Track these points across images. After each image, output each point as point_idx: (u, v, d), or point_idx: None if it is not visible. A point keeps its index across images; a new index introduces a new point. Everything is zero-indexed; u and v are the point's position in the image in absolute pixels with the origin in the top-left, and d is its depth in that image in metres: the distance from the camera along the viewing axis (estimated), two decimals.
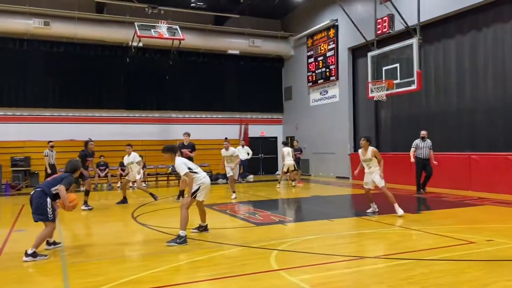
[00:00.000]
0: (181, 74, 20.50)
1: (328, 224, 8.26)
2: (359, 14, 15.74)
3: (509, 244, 6.10)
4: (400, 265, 5.22)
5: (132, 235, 7.72)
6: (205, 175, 7.32)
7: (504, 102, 12.45)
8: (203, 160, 19.38)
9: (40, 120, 18.82)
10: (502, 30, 12.59)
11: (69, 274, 5.06)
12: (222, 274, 4.92)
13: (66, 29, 17.96)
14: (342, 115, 18.91)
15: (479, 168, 12.21)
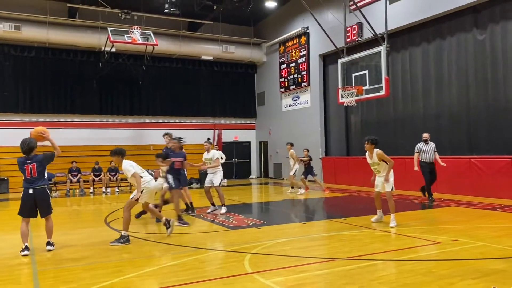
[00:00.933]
0: (154, 79, 20.35)
1: (300, 227, 8.31)
2: (330, 22, 15.96)
3: (473, 244, 6.27)
4: (370, 266, 5.29)
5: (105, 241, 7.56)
6: (150, 179, 7.44)
7: (467, 108, 12.81)
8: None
9: (9, 125, 18.29)
10: (465, 39, 12.98)
11: (40, 282, 4.92)
12: (196, 279, 4.88)
13: (38, 33, 17.58)
14: (313, 120, 19.08)
15: (444, 171, 12.49)
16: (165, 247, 6.68)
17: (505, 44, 11.90)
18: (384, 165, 7.85)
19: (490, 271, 4.99)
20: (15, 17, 17.09)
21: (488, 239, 6.65)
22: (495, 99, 12.15)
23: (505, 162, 10.96)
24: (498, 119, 11.88)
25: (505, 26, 11.91)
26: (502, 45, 11.97)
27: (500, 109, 11.95)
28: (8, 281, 5.04)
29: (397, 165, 13.96)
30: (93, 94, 19.70)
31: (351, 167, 16.46)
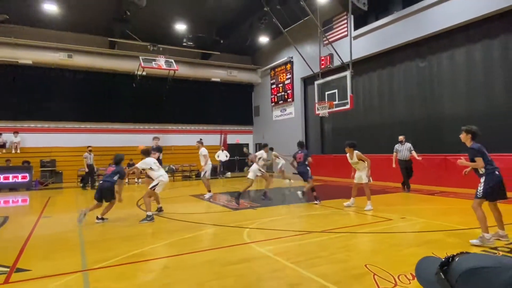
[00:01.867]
0: (175, 95, 20.26)
1: (286, 208, 8.31)
2: (308, 53, 16.00)
3: (417, 220, 6.29)
4: (338, 237, 5.29)
5: (136, 219, 7.52)
6: (163, 173, 7.50)
7: (412, 118, 12.88)
8: (191, 161, 19.22)
9: (63, 131, 18.20)
10: (410, 66, 13.04)
11: (86, 250, 4.89)
12: (206, 247, 4.87)
13: (85, 60, 17.51)
14: (296, 127, 19.09)
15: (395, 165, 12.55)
16: (182, 224, 6.66)
17: (440, 70, 11.98)
18: (362, 163, 7.74)
19: (430, 241, 5.01)
20: (68, 48, 17.00)
21: (429, 216, 6.68)
22: (432, 111, 12.22)
23: (440, 159, 11.02)
24: (435, 126, 11.94)
25: (440, 57, 11.98)
26: (438, 71, 12.06)
27: (436, 119, 12.03)
28: (62, 249, 5.02)
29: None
30: (128, 107, 19.59)
31: (325, 162, 16.47)
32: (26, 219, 7.66)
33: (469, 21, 10.75)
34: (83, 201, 10.64)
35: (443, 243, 4.82)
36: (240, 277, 3.69)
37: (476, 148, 4.83)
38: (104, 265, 4.18)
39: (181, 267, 4.07)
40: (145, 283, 3.57)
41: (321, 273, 3.73)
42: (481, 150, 4.80)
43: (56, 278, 3.75)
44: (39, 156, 16.73)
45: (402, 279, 3.43)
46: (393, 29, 13.13)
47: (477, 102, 10.90)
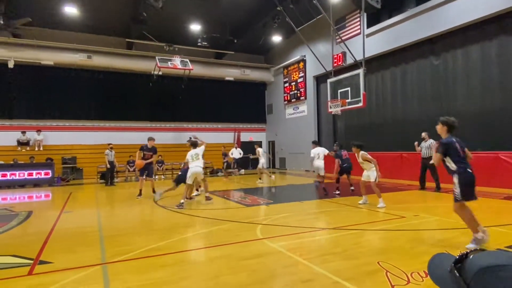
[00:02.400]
0: (190, 94, 20.39)
1: (299, 205, 8.27)
2: (321, 52, 15.86)
3: (429, 218, 6.18)
4: (351, 234, 5.24)
5: (153, 214, 7.63)
6: (194, 165, 8.38)
7: (425, 116, 12.62)
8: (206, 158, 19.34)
9: (83, 129, 18.60)
10: (423, 63, 12.78)
11: (105, 244, 4.99)
12: (220, 242, 4.89)
13: (104, 61, 17.80)
14: (309, 125, 18.98)
15: (408, 163, 12.36)
16: (197, 219, 6.71)
17: (455, 67, 11.69)
18: (368, 163, 7.61)
19: (443, 239, 4.92)
20: (87, 49, 17.32)
21: (442, 214, 6.55)
22: (446, 109, 11.93)
23: None
24: None
25: (454, 54, 11.70)
26: (452, 68, 11.77)
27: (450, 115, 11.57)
28: (82, 243, 5.13)
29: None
30: (145, 105, 19.86)
31: None
32: (49, 214, 7.86)
33: (484, 17, 10.45)
34: (103, 197, 10.85)
35: (457, 241, 4.72)
36: (253, 272, 3.70)
37: (444, 142, 4.34)
38: (122, 258, 4.26)
39: (196, 261, 4.11)
40: (162, 277, 3.62)
41: (334, 269, 3.71)
42: (451, 146, 4.28)
43: (77, 271, 3.84)
44: (60, 153, 17.13)
45: (415, 277, 3.38)
46: (406, 26, 12.88)
47: (492, 100, 10.61)
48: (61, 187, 14.10)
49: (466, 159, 4.30)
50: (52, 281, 3.54)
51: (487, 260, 0.68)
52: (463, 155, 4.27)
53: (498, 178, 9.75)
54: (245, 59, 21.65)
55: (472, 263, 0.69)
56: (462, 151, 4.29)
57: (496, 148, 10.20)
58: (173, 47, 17.82)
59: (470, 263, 0.70)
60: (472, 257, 0.71)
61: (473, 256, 0.71)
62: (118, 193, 11.96)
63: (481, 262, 0.68)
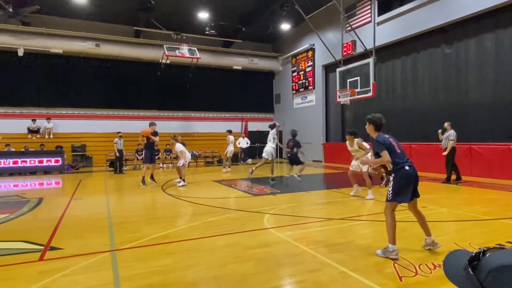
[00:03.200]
0: (198, 83, 20.36)
1: (306, 195, 8.27)
2: (330, 40, 15.61)
3: (438, 210, 6.12)
4: (358, 225, 5.23)
5: (161, 202, 7.70)
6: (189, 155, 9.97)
7: (436, 106, 12.44)
8: (213, 147, 19.42)
9: (93, 117, 18.73)
10: (435, 52, 12.52)
11: (114, 231, 5.05)
12: (227, 231, 4.92)
13: (112, 49, 17.78)
14: (317, 115, 18.84)
15: (416, 153, 12.22)
16: (204, 208, 6.75)
17: (467, 57, 11.43)
18: (361, 151, 7.58)
19: (452, 231, 4.88)
20: (95, 37, 17.31)
21: (451, 206, 6.49)
22: (458, 98, 11.74)
23: (464, 147, 10.60)
24: (460, 114, 11.46)
25: (467, 43, 11.42)
26: (465, 57, 11.50)
27: (461, 107, 11.55)
28: (92, 230, 5.21)
29: None
30: (153, 94, 19.88)
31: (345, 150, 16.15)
32: (59, 201, 7.98)
33: (499, 5, 10.15)
34: (112, 185, 10.98)
35: (466, 233, 4.67)
36: (260, 261, 3.71)
37: (380, 140, 3.94)
38: (131, 245, 4.31)
39: (203, 249, 4.14)
40: (169, 264, 3.66)
41: (341, 259, 3.70)
42: (386, 142, 3.90)
43: (86, 257, 3.90)
44: (70, 141, 17.33)
45: (423, 268, 3.36)
46: (418, 14, 12.58)
47: (505, 90, 10.36)
48: (71, 175, 14.30)
49: (404, 156, 3.92)
50: (63, 267, 3.60)
51: (504, 258, 0.66)
52: (400, 151, 3.90)
53: (508, 170, 9.60)
54: (253, 47, 21.44)
55: (487, 262, 0.67)
56: (398, 147, 3.94)
57: (507, 139, 10.02)
58: (180, 35, 17.72)
59: (485, 262, 0.68)
60: (489, 256, 0.69)
61: (489, 254, 0.69)
62: (127, 181, 12.09)
63: (497, 261, 0.66)
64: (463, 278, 0.70)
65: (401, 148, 3.97)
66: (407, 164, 3.82)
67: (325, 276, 3.28)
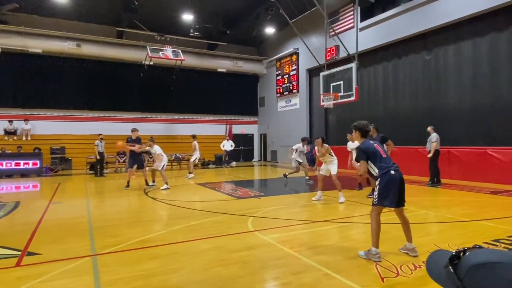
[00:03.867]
0: (182, 85, 20.21)
1: (290, 198, 8.32)
2: (314, 44, 15.81)
3: (419, 211, 6.27)
4: (341, 227, 5.29)
5: (142, 205, 7.58)
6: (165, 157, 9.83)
7: (416, 110, 12.76)
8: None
9: (72, 119, 18.30)
10: (415, 58, 12.86)
11: (95, 235, 4.94)
12: (211, 234, 4.89)
13: (93, 50, 17.45)
14: (301, 118, 19.01)
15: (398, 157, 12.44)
16: (188, 211, 6.69)
17: (446, 63, 11.79)
18: (330, 156, 7.79)
19: (431, 232, 5.00)
20: (76, 37, 16.95)
21: (430, 208, 6.66)
22: (437, 103, 12.08)
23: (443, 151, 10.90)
24: (439, 119, 11.79)
25: (446, 49, 11.79)
26: (444, 64, 11.87)
27: (440, 111, 11.89)
28: (71, 234, 5.07)
29: None
30: (136, 96, 19.60)
31: None
32: (37, 205, 7.74)
33: (476, 13, 10.53)
34: (92, 188, 10.74)
35: (445, 234, 4.80)
36: (244, 264, 3.71)
37: (362, 148, 3.94)
38: (112, 250, 4.23)
39: (187, 253, 4.10)
40: (152, 268, 3.60)
41: (325, 261, 3.74)
42: (370, 149, 3.90)
43: (66, 262, 3.80)
44: (49, 143, 16.86)
45: (404, 269, 3.43)
46: (399, 21, 12.91)
47: (482, 95, 10.74)
48: (49, 178, 13.90)
49: (390, 160, 3.93)
50: (41, 273, 3.50)
51: (482, 257, 0.69)
52: (385, 156, 3.91)
53: (485, 173, 9.95)
54: (237, 50, 21.48)
55: (467, 260, 0.70)
56: (383, 152, 3.96)
57: (484, 143, 10.38)
58: (164, 37, 17.58)
59: (465, 260, 0.71)
60: (468, 254, 0.72)
61: (469, 253, 0.72)
62: (108, 184, 11.85)
63: (475, 259, 0.69)
64: (444, 276, 0.73)
65: (386, 153, 4.01)
66: (393, 169, 3.81)
67: (309, 278, 3.31)
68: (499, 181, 9.52)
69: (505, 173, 9.48)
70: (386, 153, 3.98)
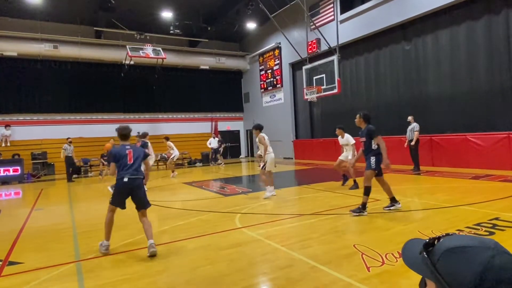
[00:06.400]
0: (164, 84, 19.97)
1: (277, 192, 8.32)
2: (296, 38, 15.81)
3: (403, 200, 6.36)
4: (327, 219, 5.33)
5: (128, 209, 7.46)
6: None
7: (398, 100, 12.94)
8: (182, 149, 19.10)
9: (53, 122, 17.85)
10: (395, 49, 13.02)
11: (79, 241, 4.85)
12: (198, 233, 4.86)
13: (71, 51, 17.03)
14: (286, 113, 19.05)
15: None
16: (174, 211, 6.63)
17: (425, 53, 11.98)
18: (262, 147, 7.55)
19: (416, 219, 5.09)
20: (53, 38, 16.51)
21: (414, 195, 6.78)
22: (418, 92, 12.28)
23: (425, 139, 11.12)
24: (419, 107, 11.99)
25: (425, 39, 11.97)
26: (423, 53, 12.06)
27: (421, 100, 12.10)
28: (55, 241, 4.96)
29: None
30: (117, 97, 19.25)
31: (314, 146, 16.58)
32: (19, 212, 7.54)
33: (453, 3, 10.71)
34: (76, 193, 10.53)
35: (429, 221, 4.89)
36: (232, 261, 3.70)
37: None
38: (97, 255, 4.15)
39: (174, 254, 4.06)
40: (138, 271, 3.55)
41: (312, 254, 3.76)
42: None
43: (49, 270, 3.71)
44: (29, 148, 16.44)
45: (389, 258, 3.48)
46: (378, 12, 13.02)
47: (461, 83, 10.97)
48: (31, 184, 13.56)
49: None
50: (23, 282, 3.41)
51: (454, 241, 0.72)
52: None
53: (466, 159, 10.19)
54: (219, 47, 21.31)
55: (440, 245, 0.73)
56: None
57: (465, 130, 10.62)
58: (144, 35, 17.29)
59: (438, 246, 0.73)
60: (442, 240, 0.74)
61: (443, 239, 0.75)
62: (92, 188, 11.64)
63: (448, 244, 0.72)
64: (419, 262, 0.75)
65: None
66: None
67: (297, 271, 3.32)
68: (479, 166, 9.77)
69: (485, 158, 9.74)
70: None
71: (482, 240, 0.70)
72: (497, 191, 6.73)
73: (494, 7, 10.07)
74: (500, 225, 4.39)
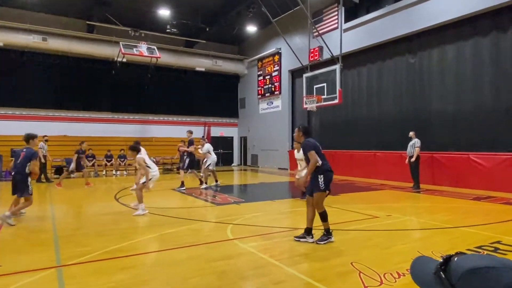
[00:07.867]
0: (157, 84, 19.95)
1: (271, 204, 8.34)
2: (297, 45, 15.98)
3: (402, 218, 6.44)
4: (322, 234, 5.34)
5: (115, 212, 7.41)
6: (156, 169, 7.55)
7: (400, 113, 13.10)
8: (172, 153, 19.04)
9: (37, 118, 17.70)
10: (400, 61, 13.22)
11: (61, 245, 4.80)
12: (188, 243, 4.85)
13: (61, 44, 16.98)
14: (283, 121, 19.15)
15: (381, 162, 12.78)
16: (163, 218, 6.60)
17: (430, 66, 12.19)
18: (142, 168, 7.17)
19: (415, 239, 5.14)
20: (43, 30, 16.46)
21: (414, 214, 6.85)
22: (421, 107, 12.45)
23: (426, 156, 11.24)
24: (423, 123, 12.15)
25: (430, 53, 12.19)
26: (427, 67, 12.27)
27: (424, 115, 12.26)
28: (35, 244, 4.91)
29: (346, 157, 14.23)
30: (106, 95, 19.19)
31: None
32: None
33: (460, 17, 10.96)
34: (58, 194, 10.42)
35: (429, 241, 4.95)
36: (223, 274, 3.70)
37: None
38: (80, 260, 4.12)
39: (161, 263, 4.05)
40: (123, 279, 3.53)
41: (306, 270, 3.78)
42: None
43: (28, 274, 3.67)
44: (9, 144, 16.21)
45: (388, 278, 3.51)
46: (384, 23, 13.26)
47: (465, 99, 11.16)
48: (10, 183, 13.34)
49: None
50: (0, 285, 3.36)
51: (474, 262, 0.72)
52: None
53: (468, 178, 10.32)
54: (217, 49, 21.44)
55: (457, 265, 0.74)
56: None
57: (468, 148, 10.77)
58: (139, 32, 17.33)
59: (455, 265, 0.74)
60: (458, 259, 0.75)
61: (457, 258, 0.76)
62: (77, 190, 11.53)
63: (467, 264, 0.72)
64: (431, 282, 0.76)
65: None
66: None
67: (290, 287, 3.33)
68: (481, 186, 9.90)
69: (487, 179, 9.87)
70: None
71: (503, 261, 0.71)
72: (499, 213, 6.83)
73: (501, 24, 10.33)
74: (503, 249, 4.46)
